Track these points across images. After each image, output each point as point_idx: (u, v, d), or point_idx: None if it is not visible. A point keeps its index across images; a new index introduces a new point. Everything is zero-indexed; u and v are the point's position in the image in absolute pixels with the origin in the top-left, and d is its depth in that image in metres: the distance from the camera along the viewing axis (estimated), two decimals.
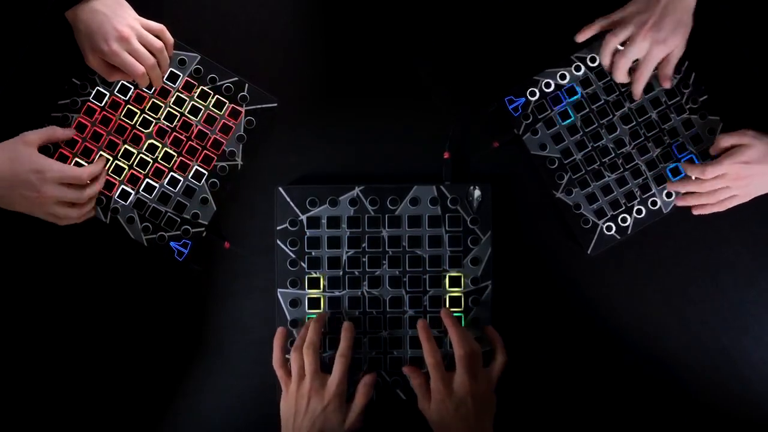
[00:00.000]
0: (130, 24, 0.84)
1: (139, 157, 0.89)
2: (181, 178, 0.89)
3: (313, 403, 0.81)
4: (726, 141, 0.85)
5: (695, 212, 0.88)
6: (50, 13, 0.85)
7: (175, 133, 0.89)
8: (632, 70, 0.87)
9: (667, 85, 0.88)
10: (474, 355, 0.82)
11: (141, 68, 0.84)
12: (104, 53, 0.83)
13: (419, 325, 0.86)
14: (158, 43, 0.86)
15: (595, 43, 0.89)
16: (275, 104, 0.90)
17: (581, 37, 0.88)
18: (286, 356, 0.85)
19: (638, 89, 0.88)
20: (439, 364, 0.82)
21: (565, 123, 0.90)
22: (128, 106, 0.89)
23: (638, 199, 0.90)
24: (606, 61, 0.88)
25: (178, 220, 0.89)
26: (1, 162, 0.79)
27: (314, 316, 0.87)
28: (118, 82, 0.88)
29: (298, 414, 0.81)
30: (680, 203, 0.88)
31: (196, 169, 0.89)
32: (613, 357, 0.90)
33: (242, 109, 0.90)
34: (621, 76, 0.87)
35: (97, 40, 0.83)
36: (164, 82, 0.88)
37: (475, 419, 0.80)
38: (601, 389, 0.89)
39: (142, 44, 0.85)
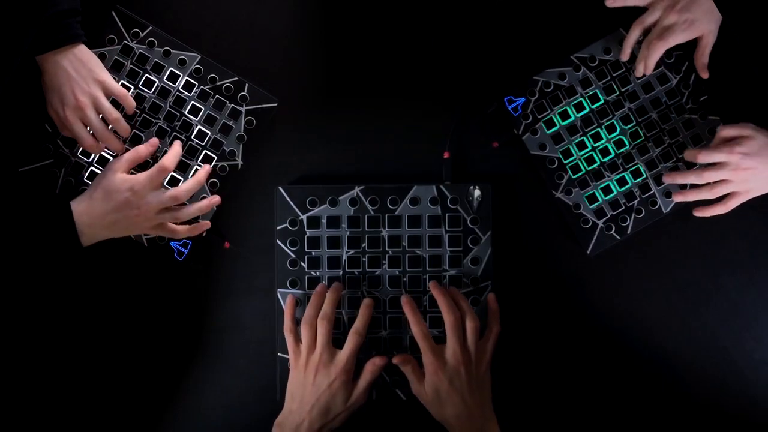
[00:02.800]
0: (90, 91, 0.82)
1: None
2: (181, 178, 0.89)
3: (319, 377, 0.81)
4: (726, 132, 0.85)
5: (696, 213, 0.88)
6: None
7: (175, 133, 0.89)
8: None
9: (705, 75, 0.88)
10: (458, 323, 0.81)
11: (91, 141, 0.84)
12: (59, 116, 0.83)
13: (403, 300, 0.84)
14: (114, 114, 0.84)
15: (595, 43, 0.90)
16: (275, 104, 0.90)
17: (611, 2, 0.88)
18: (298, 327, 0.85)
19: (652, 61, 0.87)
20: (426, 335, 0.82)
21: (564, 123, 0.90)
22: None
23: (638, 199, 0.90)
24: (628, 49, 0.87)
25: None
26: (100, 196, 0.80)
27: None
28: (119, 81, 0.88)
29: (306, 386, 0.81)
30: (678, 198, 0.88)
31: (196, 169, 0.89)
32: (613, 357, 0.90)
33: (242, 109, 0.90)
34: (652, 60, 0.87)
35: (54, 100, 0.82)
36: (164, 82, 0.88)
37: (470, 394, 0.79)
38: (601, 389, 0.89)
39: (99, 110, 0.84)
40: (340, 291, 0.86)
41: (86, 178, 0.88)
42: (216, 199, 0.87)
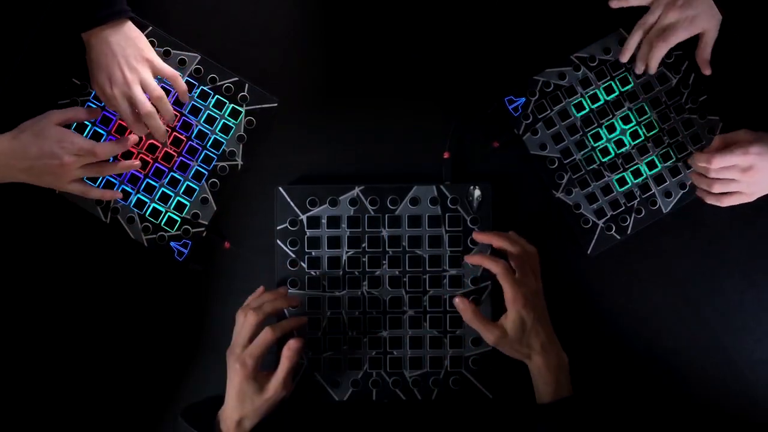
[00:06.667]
0: (138, 70, 0.83)
1: (139, 157, 0.89)
2: (181, 178, 0.89)
3: (228, 369, 0.80)
4: (722, 140, 0.84)
5: (697, 194, 0.88)
6: (53, 14, 0.84)
7: (175, 133, 0.89)
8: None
9: (707, 71, 0.88)
10: (524, 254, 0.82)
11: (134, 119, 0.84)
12: (105, 94, 0.83)
13: (456, 300, 0.83)
14: (158, 92, 0.84)
15: (595, 43, 0.90)
16: (275, 104, 0.90)
17: (615, 3, 0.88)
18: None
19: (655, 61, 0.86)
20: (509, 268, 0.81)
21: (564, 123, 0.90)
22: None
23: (638, 199, 0.90)
24: (628, 53, 0.87)
25: (178, 220, 0.89)
26: (27, 138, 0.79)
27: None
28: None
29: (227, 375, 0.81)
30: (692, 178, 0.87)
31: (196, 169, 0.89)
32: (613, 357, 0.90)
33: (242, 109, 0.90)
34: (655, 60, 0.87)
35: (100, 77, 0.82)
36: (164, 82, 0.88)
37: (546, 318, 0.82)
38: (601, 389, 0.89)
39: (144, 88, 0.83)
40: (292, 303, 0.85)
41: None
42: (136, 163, 0.87)
